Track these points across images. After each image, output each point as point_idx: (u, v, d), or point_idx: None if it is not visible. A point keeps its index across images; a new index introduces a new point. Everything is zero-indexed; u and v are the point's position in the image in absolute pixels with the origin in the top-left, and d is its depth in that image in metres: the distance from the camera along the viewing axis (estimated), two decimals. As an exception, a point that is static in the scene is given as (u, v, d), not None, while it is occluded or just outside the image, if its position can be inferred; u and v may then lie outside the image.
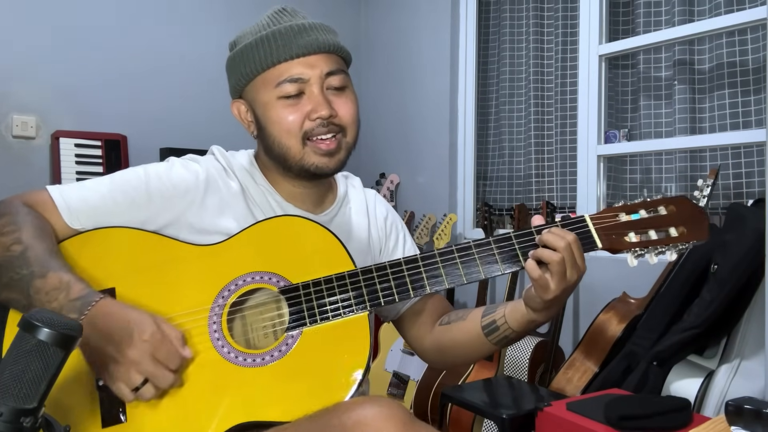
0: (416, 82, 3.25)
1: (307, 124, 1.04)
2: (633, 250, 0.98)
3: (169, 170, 1.06)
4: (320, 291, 0.95)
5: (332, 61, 1.07)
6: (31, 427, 0.63)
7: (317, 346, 0.93)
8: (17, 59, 2.57)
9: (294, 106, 1.04)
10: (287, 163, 1.07)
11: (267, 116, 1.06)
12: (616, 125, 2.59)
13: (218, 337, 0.93)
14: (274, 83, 1.05)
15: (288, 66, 1.04)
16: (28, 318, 0.65)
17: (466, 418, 2.23)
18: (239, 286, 0.97)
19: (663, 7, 2.40)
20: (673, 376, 1.77)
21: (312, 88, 1.05)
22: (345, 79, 1.09)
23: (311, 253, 0.98)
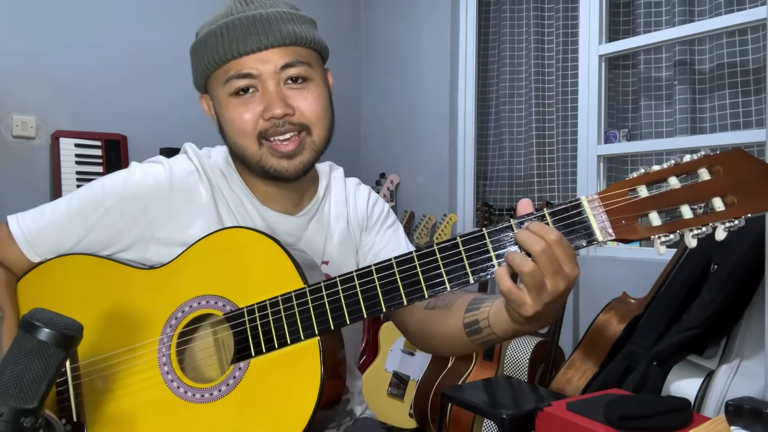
0: (416, 82, 3.25)
1: (261, 123, 0.93)
2: (657, 236, 0.69)
3: (126, 179, 0.98)
4: (265, 316, 0.84)
5: (289, 53, 0.94)
6: (31, 427, 0.63)
7: (265, 378, 0.83)
8: (17, 59, 2.57)
9: (246, 105, 0.94)
10: (247, 165, 0.97)
11: (222, 115, 0.97)
12: (616, 125, 2.59)
13: (168, 371, 0.88)
14: (224, 79, 0.94)
15: (237, 62, 0.93)
16: (29, 318, 0.65)
17: (466, 418, 2.23)
18: (186, 313, 0.89)
19: (663, 7, 2.41)
20: (673, 376, 1.77)
21: (265, 84, 0.93)
22: (307, 70, 0.95)
23: (258, 269, 0.87)
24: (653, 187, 0.69)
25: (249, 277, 0.87)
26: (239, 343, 0.85)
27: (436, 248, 0.77)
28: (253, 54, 0.93)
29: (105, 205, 0.97)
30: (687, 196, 0.68)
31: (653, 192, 0.70)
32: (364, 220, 1.13)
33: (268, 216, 1.02)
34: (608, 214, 0.70)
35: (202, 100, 1.04)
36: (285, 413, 0.81)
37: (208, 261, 0.91)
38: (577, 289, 2.52)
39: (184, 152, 1.05)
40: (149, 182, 0.97)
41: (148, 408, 0.88)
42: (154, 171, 0.99)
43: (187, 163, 1.02)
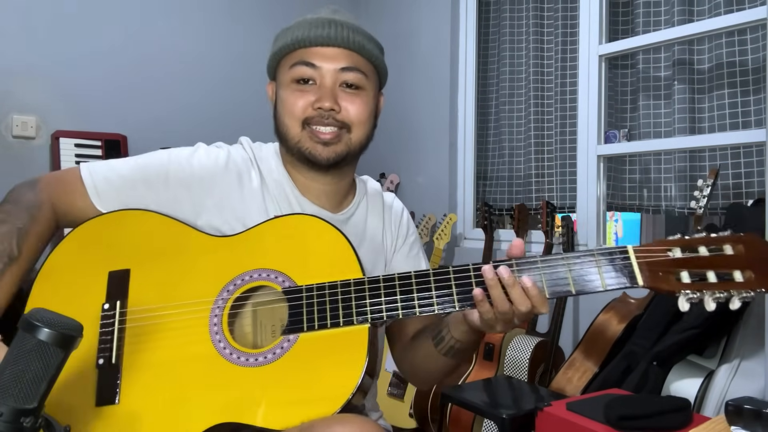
0: (416, 82, 3.25)
1: (309, 111, 1.06)
2: (684, 292, 0.82)
3: (191, 156, 1.09)
4: (323, 296, 0.91)
5: (351, 58, 1.08)
6: (31, 427, 0.63)
7: (312, 354, 0.89)
8: (17, 59, 2.57)
9: (302, 92, 1.06)
10: (287, 144, 1.09)
11: (280, 95, 1.10)
12: (615, 125, 2.59)
13: (216, 332, 0.93)
14: (290, 64, 1.08)
15: (306, 52, 1.07)
16: (29, 318, 0.65)
17: (466, 418, 2.23)
18: (245, 281, 0.96)
19: (662, 7, 2.41)
20: (673, 376, 1.77)
21: (324, 80, 1.06)
22: (362, 79, 1.09)
23: (321, 255, 0.95)
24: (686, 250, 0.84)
25: (310, 260, 0.95)
26: (293, 317, 0.91)
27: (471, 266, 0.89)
28: (321, 47, 1.06)
29: (168, 170, 1.07)
30: (714, 264, 0.82)
31: (687, 255, 0.83)
32: (397, 239, 1.23)
33: (306, 207, 1.11)
34: (648, 265, 0.84)
35: (268, 86, 1.16)
36: (326, 388, 0.86)
37: (272, 240, 0.98)
38: (577, 289, 2.51)
39: (240, 143, 1.16)
40: (211, 161, 1.08)
41: (188, 362, 0.91)
42: (216, 154, 1.10)
43: (242, 151, 1.13)
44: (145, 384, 0.90)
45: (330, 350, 0.88)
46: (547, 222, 2.49)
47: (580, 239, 2.55)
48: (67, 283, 0.98)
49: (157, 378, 0.90)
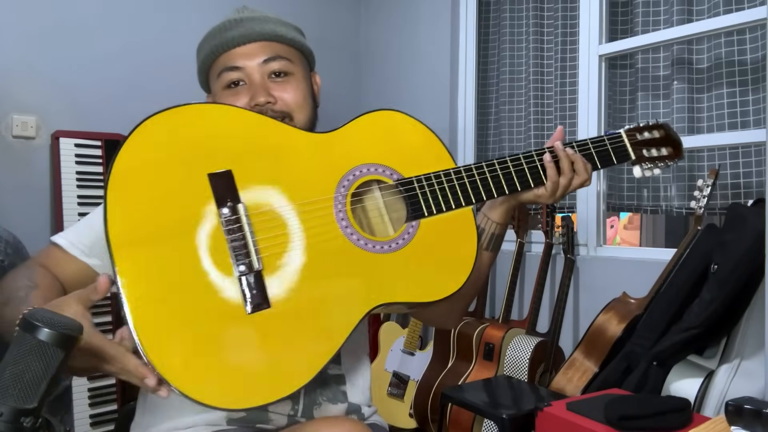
0: (416, 82, 3.25)
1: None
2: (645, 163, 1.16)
3: None
4: (432, 185, 1.01)
5: (271, 49, 1.10)
6: (31, 427, 0.63)
7: (435, 234, 0.99)
8: (17, 59, 2.57)
9: (235, 95, 1.09)
10: None
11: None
12: (615, 125, 2.59)
13: (346, 225, 0.95)
14: (216, 74, 1.11)
15: (225, 57, 1.10)
16: (28, 318, 0.65)
17: (466, 418, 2.23)
18: (356, 177, 0.99)
19: (662, 7, 2.41)
20: (673, 376, 1.77)
21: (252, 78, 1.08)
22: (287, 65, 1.11)
23: (417, 148, 1.04)
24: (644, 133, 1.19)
25: (407, 153, 1.04)
26: (413, 206, 1.00)
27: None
28: (239, 48, 1.09)
29: None
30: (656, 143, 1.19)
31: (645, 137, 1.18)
32: None
33: None
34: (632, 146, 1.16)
35: (207, 99, 1.18)
36: (455, 258, 0.98)
37: (369, 135, 1.03)
38: (577, 289, 2.52)
39: None
40: None
41: (327, 257, 0.92)
42: None
43: None
44: (291, 283, 0.88)
45: (448, 230, 1.00)
46: (547, 222, 2.50)
47: (580, 239, 2.55)
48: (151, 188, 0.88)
49: (302, 276, 0.89)
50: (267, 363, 0.83)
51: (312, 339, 0.87)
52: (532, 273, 2.55)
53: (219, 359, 0.82)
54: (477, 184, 1.05)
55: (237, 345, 0.83)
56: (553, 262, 2.55)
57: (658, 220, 5.65)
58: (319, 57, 1.22)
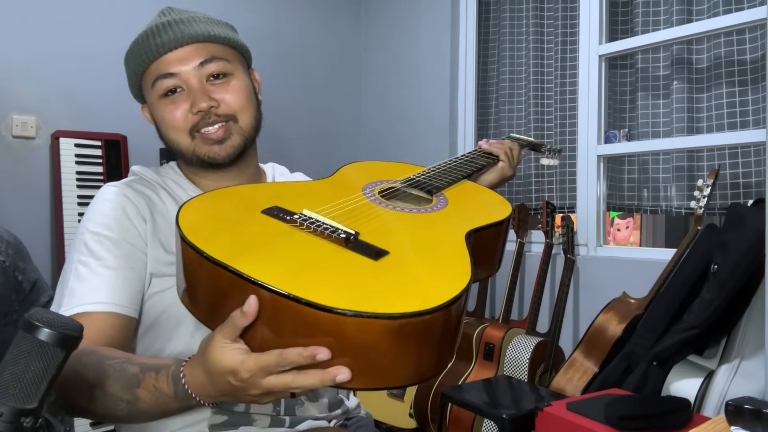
0: (416, 82, 3.25)
1: (191, 118, 1.03)
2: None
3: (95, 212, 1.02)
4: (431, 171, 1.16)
5: (205, 51, 1.04)
6: (31, 428, 0.63)
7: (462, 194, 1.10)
8: (17, 59, 2.57)
9: (174, 103, 1.04)
10: (184, 157, 1.08)
11: (156, 116, 1.07)
12: (615, 125, 2.59)
13: (386, 204, 0.98)
14: (150, 83, 1.05)
15: (159, 64, 1.04)
16: (28, 318, 0.65)
17: (466, 418, 2.23)
18: (372, 188, 1.04)
19: (662, 7, 2.41)
20: (673, 376, 1.77)
21: (189, 83, 1.03)
22: (225, 65, 1.05)
23: (397, 167, 1.20)
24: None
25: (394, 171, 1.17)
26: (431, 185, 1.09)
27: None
28: (171, 53, 1.03)
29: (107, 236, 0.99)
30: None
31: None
32: None
33: None
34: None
35: (143, 110, 1.13)
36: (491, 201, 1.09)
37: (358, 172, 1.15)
38: (577, 289, 2.52)
39: (132, 172, 1.13)
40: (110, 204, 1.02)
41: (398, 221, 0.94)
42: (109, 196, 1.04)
43: (136, 179, 1.10)
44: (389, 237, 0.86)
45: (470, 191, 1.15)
46: (547, 222, 2.50)
47: (580, 239, 2.55)
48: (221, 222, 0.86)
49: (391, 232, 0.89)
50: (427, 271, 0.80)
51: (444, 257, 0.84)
52: (532, 273, 2.55)
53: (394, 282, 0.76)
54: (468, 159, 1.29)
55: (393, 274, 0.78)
56: (553, 262, 2.55)
57: (658, 220, 5.65)
58: (319, 58, 1.22)
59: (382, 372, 0.70)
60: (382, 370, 0.70)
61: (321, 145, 3.34)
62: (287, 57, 3.25)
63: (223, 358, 0.71)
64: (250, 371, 0.69)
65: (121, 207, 1.02)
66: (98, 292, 0.94)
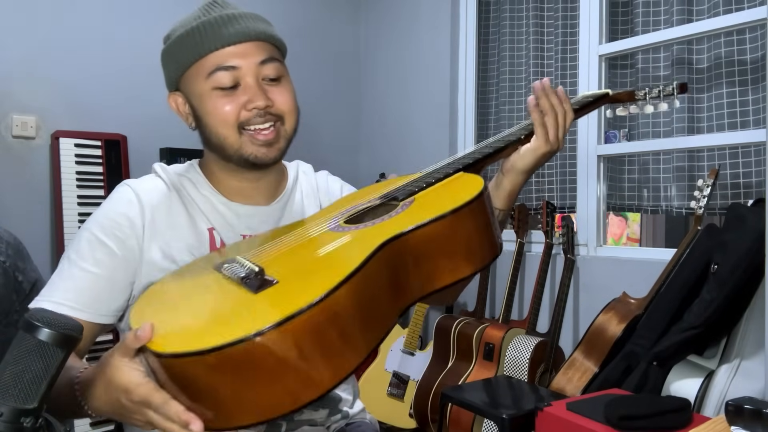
0: (416, 82, 3.25)
1: (243, 114, 1.02)
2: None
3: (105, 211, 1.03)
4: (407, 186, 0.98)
5: (265, 50, 1.04)
6: (31, 427, 0.63)
7: (430, 194, 0.95)
8: (17, 59, 2.57)
9: (229, 97, 1.02)
10: (226, 153, 1.05)
11: (203, 107, 1.04)
12: (615, 125, 2.59)
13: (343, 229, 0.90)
14: (206, 73, 1.02)
15: (219, 55, 1.02)
16: (28, 318, 0.65)
17: (466, 418, 2.23)
18: (342, 214, 0.97)
19: (662, 7, 2.41)
20: (673, 376, 1.77)
21: (246, 79, 1.02)
22: (280, 68, 1.06)
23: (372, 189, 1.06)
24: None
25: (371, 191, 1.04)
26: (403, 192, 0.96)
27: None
28: (234, 46, 1.02)
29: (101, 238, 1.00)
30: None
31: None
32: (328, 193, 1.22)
33: (240, 210, 1.09)
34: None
35: (170, 98, 1.12)
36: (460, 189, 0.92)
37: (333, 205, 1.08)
38: (577, 289, 2.52)
39: (153, 171, 1.12)
40: (122, 204, 1.03)
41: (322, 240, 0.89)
42: (123, 195, 1.05)
43: (152, 178, 1.10)
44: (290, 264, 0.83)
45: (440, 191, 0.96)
46: (547, 222, 2.50)
47: (580, 239, 2.55)
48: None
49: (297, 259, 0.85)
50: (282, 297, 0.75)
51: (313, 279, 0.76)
52: (532, 273, 2.55)
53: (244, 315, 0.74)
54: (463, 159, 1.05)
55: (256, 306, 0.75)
56: (553, 262, 2.55)
57: (658, 220, 5.65)
58: (320, 56, 1.21)
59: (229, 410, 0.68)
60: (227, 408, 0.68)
61: (321, 145, 3.34)
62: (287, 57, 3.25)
63: (120, 375, 0.76)
64: (140, 397, 0.74)
65: (124, 213, 1.02)
66: (66, 291, 0.98)
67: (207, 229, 1.06)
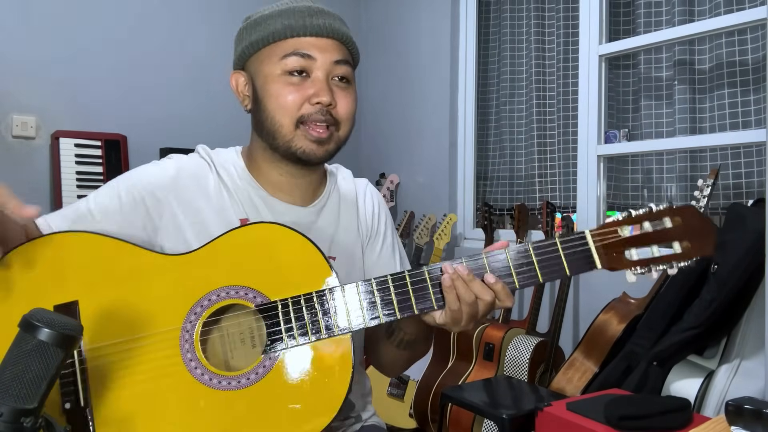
0: (416, 82, 3.25)
1: (306, 107, 1.00)
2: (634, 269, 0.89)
3: (139, 173, 1.05)
4: (299, 309, 0.87)
5: (342, 52, 1.04)
6: (31, 427, 0.63)
7: (297, 368, 0.85)
8: (17, 59, 2.57)
9: (296, 86, 1.00)
10: (275, 142, 1.02)
11: (266, 89, 1.02)
12: (616, 125, 2.59)
13: (191, 358, 0.86)
14: (281, 55, 1.01)
15: (299, 41, 1.01)
16: (28, 318, 0.65)
17: (466, 418, 2.23)
18: (212, 301, 0.89)
19: (663, 7, 2.41)
20: (673, 376, 1.77)
21: (318, 72, 1.01)
22: (351, 73, 1.06)
23: (290, 264, 0.89)
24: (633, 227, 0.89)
25: (280, 272, 0.89)
26: (272, 335, 0.86)
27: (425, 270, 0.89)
28: (315, 38, 1.02)
29: (119, 192, 1.02)
30: (656, 238, 0.88)
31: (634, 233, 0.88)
32: (372, 225, 1.18)
33: (276, 206, 1.06)
34: (603, 248, 0.88)
35: (232, 77, 1.09)
36: (316, 401, 0.84)
37: (236, 253, 0.91)
38: (577, 289, 2.52)
39: (197, 152, 1.11)
40: (158, 172, 1.04)
41: (165, 394, 0.85)
42: (163, 164, 1.06)
43: (196, 158, 1.08)
44: (121, 423, 0.83)
45: (315, 362, 0.86)
46: (547, 222, 2.50)
47: (580, 239, 2.55)
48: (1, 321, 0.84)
49: (134, 415, 0.84)
50: None
51: None
52: (532, 273, 2.55)
53: None
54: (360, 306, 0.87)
55: None
56: (553, 262, 2.55)
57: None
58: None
59: None
60: None
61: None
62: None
63: None
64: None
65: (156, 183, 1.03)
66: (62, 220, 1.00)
67: (239, 220, 1.03)
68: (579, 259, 0.88)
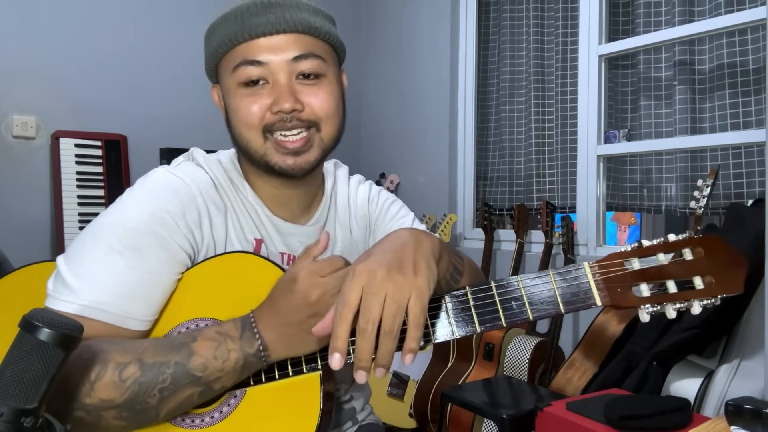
0: (416, 82, 3.25)
1: (269, 117, 0.89)
2: (644, 306, 0.75)
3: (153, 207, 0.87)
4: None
5: (304, 44, 0.90)
6: (31, 428, 0.63)
7: (262, 408, 0.81)
8: (17, 59, 2.57)
9: (254, 96, 0.90)
10: (251, 158, 0.93)
11: (229, 104, 0.93)
12: (616, 125, 2.59)
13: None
14: (231, 67, 0.91)
15: (248, 47, 0.89)
16: (29, 318, 0.65)
17: (466, 418, 2.23)
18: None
19: (663, 8, 2.41)
20: (673, 376, 1.77)
21: (276, 76, 0.89)
22: (320, 65, 0.92)
23: (261, 297, 0.82)
24: (645, 260, 0.76)
25: (250, 304, 0.82)
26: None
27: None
28: (265, 39, 0.89)
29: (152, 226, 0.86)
30: (673, 273, 0.75)
31: (645, 265, 0.76)
32: (367, 220, 1.11)
33: (281, 226, 0.98)
34: (605, 282, 0.76)
35: (213, 91, 1.01)
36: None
37: (209, 283, 0.86)
38: (577, 289, 2.52)
39: (197, 163, 0.97)
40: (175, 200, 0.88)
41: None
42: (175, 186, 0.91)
43: (203, 175, 0.94)
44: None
45: (281, 401, 0.81)
46: (547, 222, 2.50)
47: (579, 239, 2.55)
48: None
49: None
50: None
51: None
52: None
53: None
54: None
55: None
56: (553, 262, 2.55)
57: (658, 220, 5.65)
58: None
59: None
60: None
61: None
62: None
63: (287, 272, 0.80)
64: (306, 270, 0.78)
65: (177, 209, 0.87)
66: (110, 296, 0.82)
67: (254, 239, 0.95)
68: (574, 294, 0.76)
